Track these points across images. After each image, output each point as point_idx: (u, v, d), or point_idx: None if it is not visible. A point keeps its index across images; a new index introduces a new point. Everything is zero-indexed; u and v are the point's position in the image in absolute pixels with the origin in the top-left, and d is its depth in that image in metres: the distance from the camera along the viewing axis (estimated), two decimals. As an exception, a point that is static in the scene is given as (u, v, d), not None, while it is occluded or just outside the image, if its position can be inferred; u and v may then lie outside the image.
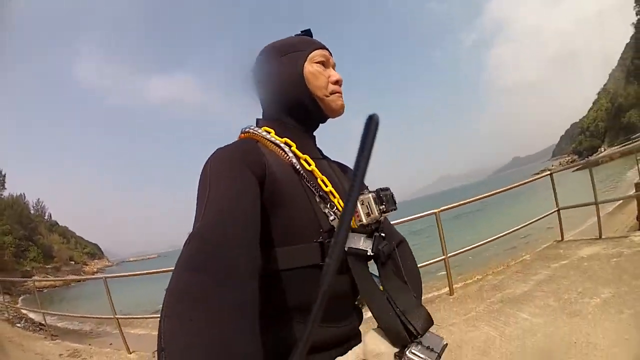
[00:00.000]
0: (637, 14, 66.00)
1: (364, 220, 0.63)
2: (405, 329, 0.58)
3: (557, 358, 2.18)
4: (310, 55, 0.74)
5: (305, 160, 0.70)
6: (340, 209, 0.67)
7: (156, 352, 0.36)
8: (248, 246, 0.50)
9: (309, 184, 0.67)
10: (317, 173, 0.70)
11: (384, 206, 0.64)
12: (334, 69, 0.78)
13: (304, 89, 0.73)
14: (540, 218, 4.73)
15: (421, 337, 0.59)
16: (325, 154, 0.83)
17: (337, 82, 0.76)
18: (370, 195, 0.64)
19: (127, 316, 4.89)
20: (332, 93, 0.74)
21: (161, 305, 0.40)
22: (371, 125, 0.28)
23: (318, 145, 0.81)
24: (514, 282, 3.61)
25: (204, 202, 0.53)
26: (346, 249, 0.64)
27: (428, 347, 0.57)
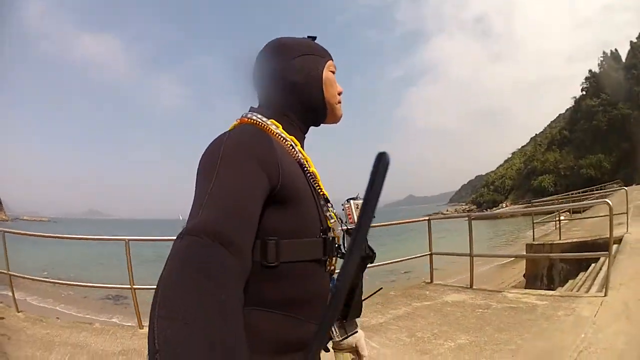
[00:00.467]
0: (582, 90, 68.49)
1: None
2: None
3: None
4: (327, 63, 0.78)
5: (307, 162, 0.72)
6: (331, 211, 0.72)
7: (148, 354, 0.36)
8: (246, 250, 0.51)
9: (314, 184, 0.70)
10: (317, 175, 0.73)
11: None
12: None
13: (320, 93, 0.76)
14: (411, 258, 5.04)
15: (346, 321, 0.79)
16: None
17: (341, 94, 0.80)
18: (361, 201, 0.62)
19: (21, 275, 4.30)
20: (338, 102, 0.79)
21: (152, 302, 0.39)
22: (380, 164, 0.26)
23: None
24: (371, 313, 3.63)
25: (206, 193, 0.52)
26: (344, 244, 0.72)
27: (342, 327, 0.79)
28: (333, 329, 0.78)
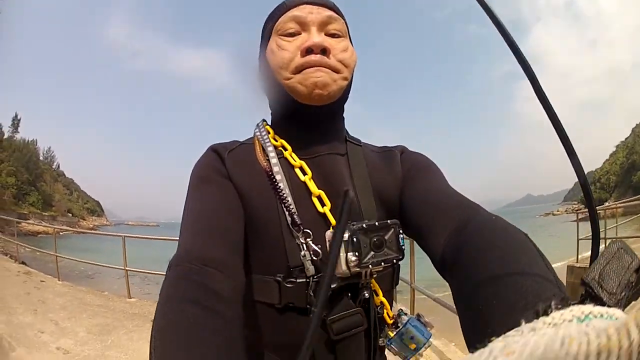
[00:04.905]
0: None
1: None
2: None
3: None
4: (275, 27, 0.57)
5: (301, 169, 0.55)
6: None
7: None
8: (232, 264, 0.46)
9: (284, 204, 0.52)
10: (312, 187, 0.54)
11: (356, 257, 0.51)
12: (327, 27, 0.56)
13: (271, 77, 0.57)
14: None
15: None
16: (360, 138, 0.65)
17: (310, 50, 0.53)
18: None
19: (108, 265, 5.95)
20: (299, 71, 0.54)
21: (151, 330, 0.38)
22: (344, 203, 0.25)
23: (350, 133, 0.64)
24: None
25: (185, 218, 0.50)
26: (311, 294, 0.51)
27: None
28: None
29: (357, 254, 0.45)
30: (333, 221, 0.52)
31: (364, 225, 0.46)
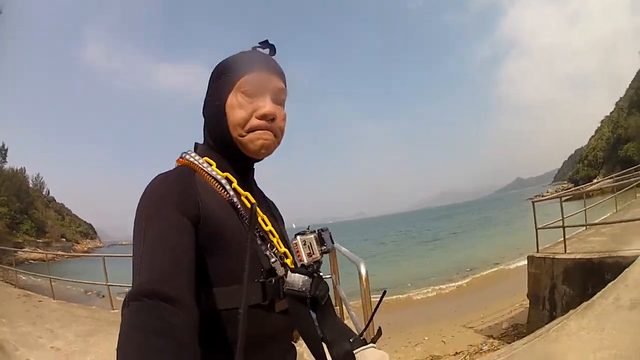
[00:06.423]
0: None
1: (305, 261, 0.65)
2: None
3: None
4: (238, 83, 0.66)
5: (247, 198, 0.67)
6: (280, 248, 0.68)
7: None
8: (189, 301, 0.51)
9: (248, 224, 0.62)
10: (258, 212, 0.68)
11: (325, 247, 0.69)
12: (278, 97, 0.69)
13: (225, 125, 0.67)
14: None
15: None
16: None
17: (265, 116, 0.66)
18: (312, 235, 0.68)
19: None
20: (251, 130, 0.66)
21: None
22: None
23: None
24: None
25: (139, 256, 0.53)
26: (285, 289, 0.64)
27: None
28: None
29: (324, 244, 0.69)
30: (277, 235, 0.70)
31: (322, 229, 0.71)
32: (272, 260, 0.66)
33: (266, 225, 0.69)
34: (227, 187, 0.66)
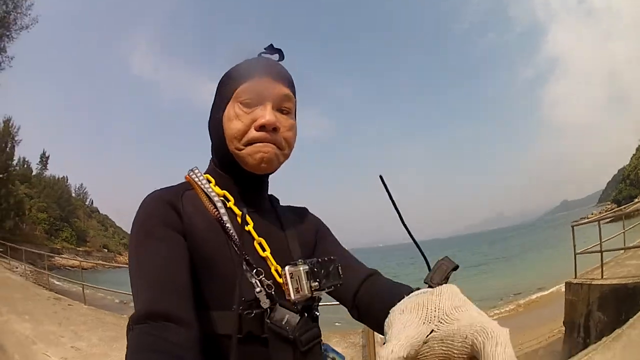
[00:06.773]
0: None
1: (292, 297, 0.56)
2: None
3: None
4: (235, 93, 0.62)
5: (243, 218, 0.61)
6: (277, 277, 0.61)
7: None
8: (189, 318, 0.51)
9: (236, 247, 0.59)
10: (254, 234, 0.63)
11: (317, 283, 0.57)
12: (282, 104, 0.64)
13: (222, 139, 0.64)
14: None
15: None
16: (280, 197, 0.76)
17: (264, 127, 0.60)
18: (301, 268, 0.57)
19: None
20: (250, 143, 0.61)
21: None
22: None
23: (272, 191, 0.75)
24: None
25: (138, 277, 0.54)
26: (267, 323, 0.57)
27: None
28: None
29: (317, 280, 0.57)
30: (274, 263, 0.62)
31: (319, 260, 0.59)
32: (257, 290, 0.58)
33: (263, 250, 0.63)
34: (218, 204, 0.62)
